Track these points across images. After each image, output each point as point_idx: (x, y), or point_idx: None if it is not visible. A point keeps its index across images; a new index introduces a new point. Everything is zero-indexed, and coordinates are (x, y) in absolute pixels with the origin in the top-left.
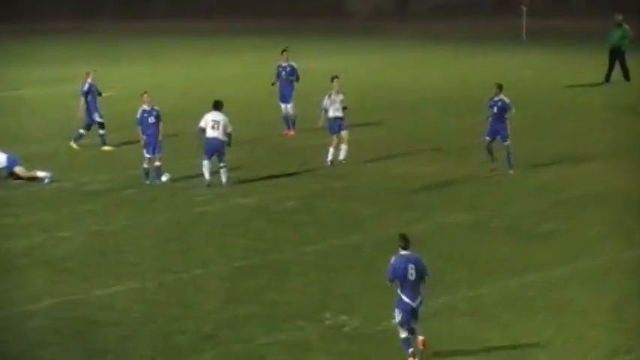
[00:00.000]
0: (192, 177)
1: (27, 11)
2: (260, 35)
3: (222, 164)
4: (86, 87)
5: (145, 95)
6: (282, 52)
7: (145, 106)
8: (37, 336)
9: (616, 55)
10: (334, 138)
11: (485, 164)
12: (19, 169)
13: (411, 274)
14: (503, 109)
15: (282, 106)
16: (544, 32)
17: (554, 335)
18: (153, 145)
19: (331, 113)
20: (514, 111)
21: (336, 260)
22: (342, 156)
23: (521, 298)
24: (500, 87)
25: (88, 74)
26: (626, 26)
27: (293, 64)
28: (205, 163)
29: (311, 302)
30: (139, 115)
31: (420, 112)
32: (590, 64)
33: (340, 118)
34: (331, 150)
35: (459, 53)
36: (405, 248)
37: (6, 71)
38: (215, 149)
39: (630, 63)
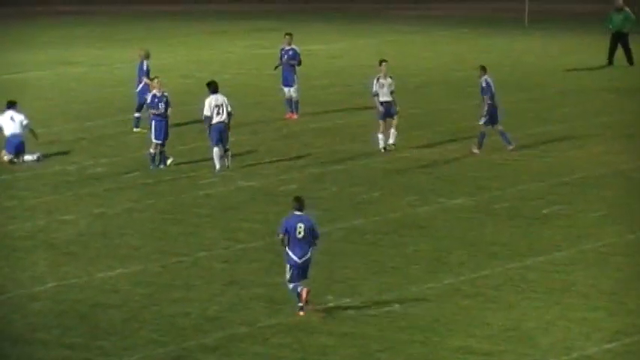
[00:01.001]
0: (195, 161)
1: None
2: (264, 17)
3: (227, 147)
4: (145, 67)
5: (156, 80)
6: (285, 35)
7: (156, 92)
8: (42, 318)
9: (618, 39)
10: (381, 123)
11: (487, 147)
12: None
13: (299, 232)
14: (490, 89)
15: (285, 89)
16: (546, 14)
17: (556, 317)
18: (163, 131)
19: (380, 98)
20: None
21: (338, 244)
22: (392, 140)
23: (523, 281)
24: (484, 69)
25: (141, 55)
26: (627, 10)
27: (295, 48)
28: (215, 150)
29: (313, 285)
30: (149, 100)
31: (423, 95)
32: (593, 47)
33: (389, 103)
34: (381, 136)
35: (463, 36)
36: (299, 209)
37: (11, 54)
38: (221, 133)
39: (633, 47)
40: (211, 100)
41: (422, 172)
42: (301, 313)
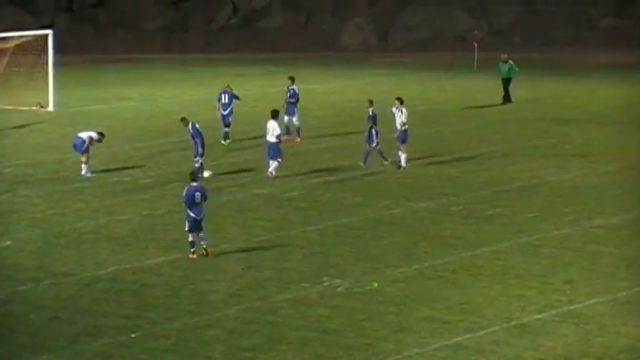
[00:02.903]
0: (220, 174)
1: (96, 45)
2: (275, 64)
3: (272, 160)
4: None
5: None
6: (288, 78)
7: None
8: (103, 294)
9: (506, 83)
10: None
11: (444, 163)
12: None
13: (197, 198)
14: (374, 118)
15: (286, 118)
16: (491, 62)
17: (498, 294)
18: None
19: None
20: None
21: (331, 237)
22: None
23: (473, 266)
24: (371, 102)
25: (226, 85)
26: (511, 62)
27: (295, 88)
28: (275, 164)
29: (312, 269)
30: (197, 126)
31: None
32: (525, 86)
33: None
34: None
35: (427, 78)
36: (194, 180)
37: (79, 91)
38: (269, 149)
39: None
40: (269, 124)
41: (394, 182)
42: (193, 256)
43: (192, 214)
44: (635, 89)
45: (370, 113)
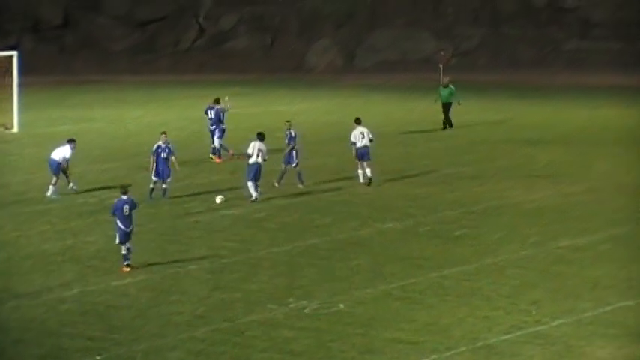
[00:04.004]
0: (188, 195)
1: (61, 66)
2: (242, 85)
3: (258, 182)
4: (216, 111)
5: (164, 135)
6: (214, 100)
7: (161, 143)
8: (69, 316)
9: (446, 108)
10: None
11: (411, 183)
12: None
13: (125, 211)
14: (294, 138)
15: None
16: (458, 84)
17: (466, 315)
18: (162, 173)
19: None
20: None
21: (297, 258)
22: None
23: (441, 287)
24: (288, 122)
25: (217, 101)
26: (452, 87)
27: (219, 108)
28: (249, 184)
29: (279, 290)
30: (154, 148)
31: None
32: (491, 107)
33: (366, 147)
34: (360, 173)
35: (393, 99)
36: (124, 194)
37: (45, 112)
38: (256, 172)
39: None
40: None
41: (361, 203)
42: (127, 269)
43: (122, 227)
44: (599, 111)
45: (290, 134)
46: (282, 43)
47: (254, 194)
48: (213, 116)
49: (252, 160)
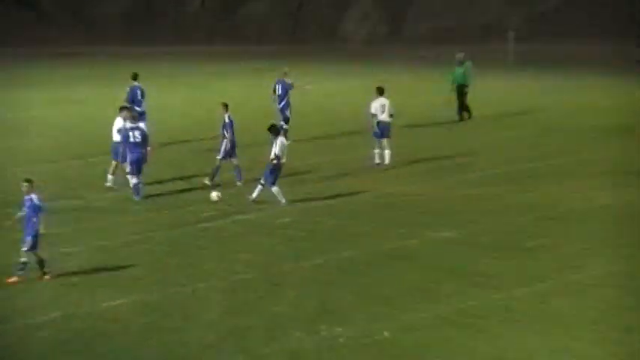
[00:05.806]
0: (190, 189)
1: (38, 36)
2: (259, 59)
3: (262, 181)
4: (285, 85)
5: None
6: (284, 74)
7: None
8: (46, 347)
9: (461, 91)
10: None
11: (470, 183)
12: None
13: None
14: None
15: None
16: (529, 55)
17: (539, 346)
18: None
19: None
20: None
21: (330, 274)
22: (387, 160)
23: (507, 310)
24: (226, 106)
25: (285, 74)
26: (468, 63)
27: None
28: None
29: (307, 314)
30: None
31: (409, 134)
32: (575, 86)
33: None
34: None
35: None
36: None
37: (18, 93)
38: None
39: (620, 88)
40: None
41: (410, 205)
42: (47, 277)
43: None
44: None
45: (227, 120)
46: (310, 8)
47: (282, 199)
48: (280, 92)
49: (282, 161)
